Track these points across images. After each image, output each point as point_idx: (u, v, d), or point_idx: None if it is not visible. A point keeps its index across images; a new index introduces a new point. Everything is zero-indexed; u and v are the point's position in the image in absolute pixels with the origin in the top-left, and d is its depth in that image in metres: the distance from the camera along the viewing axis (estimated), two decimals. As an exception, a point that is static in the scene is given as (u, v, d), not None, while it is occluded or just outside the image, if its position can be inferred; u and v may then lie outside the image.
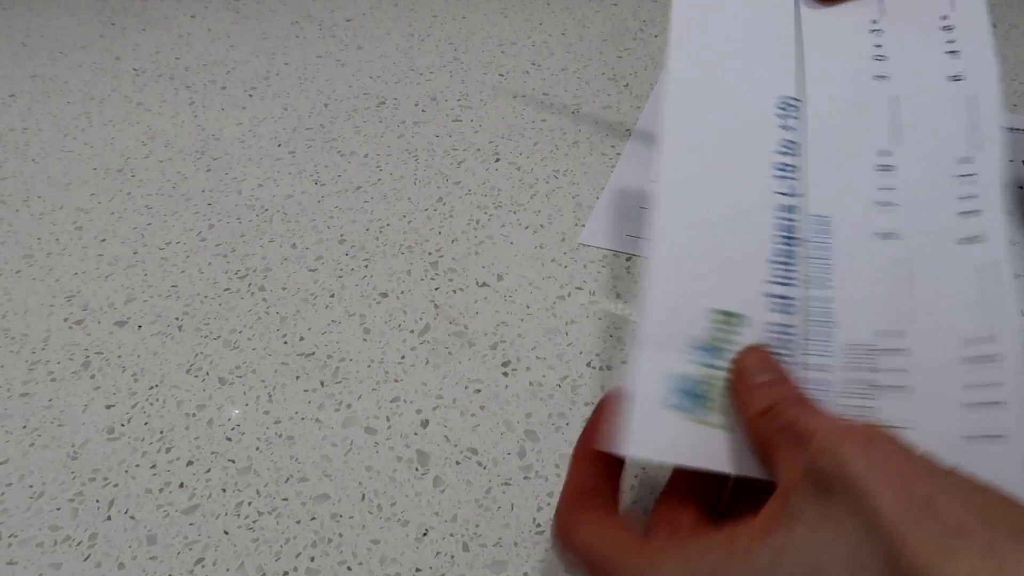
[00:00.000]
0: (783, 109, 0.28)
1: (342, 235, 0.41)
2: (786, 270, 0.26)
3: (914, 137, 0.27)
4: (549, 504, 0.29)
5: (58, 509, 0.29)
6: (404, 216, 0.42)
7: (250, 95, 0.53)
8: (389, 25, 0.61)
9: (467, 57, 0.57)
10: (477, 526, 0.28)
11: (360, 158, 0.47)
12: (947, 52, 0.28)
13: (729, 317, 0.25)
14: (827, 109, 0.29)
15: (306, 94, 0.53)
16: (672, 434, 0.24)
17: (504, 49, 0.58)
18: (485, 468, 0.30)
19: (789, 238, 0.26)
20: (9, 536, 0.28)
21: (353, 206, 0.43)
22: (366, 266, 0.39)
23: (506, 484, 0.30)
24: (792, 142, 0.28)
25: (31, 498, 0.29)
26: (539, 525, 0.28)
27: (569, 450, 0.31)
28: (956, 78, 0.28)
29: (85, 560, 0.27)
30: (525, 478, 0.30)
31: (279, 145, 0.48)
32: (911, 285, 0.25)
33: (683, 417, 0.24)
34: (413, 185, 0.45)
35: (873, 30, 0.30)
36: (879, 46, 0.29)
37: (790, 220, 0.27)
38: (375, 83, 0.54)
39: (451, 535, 0.28)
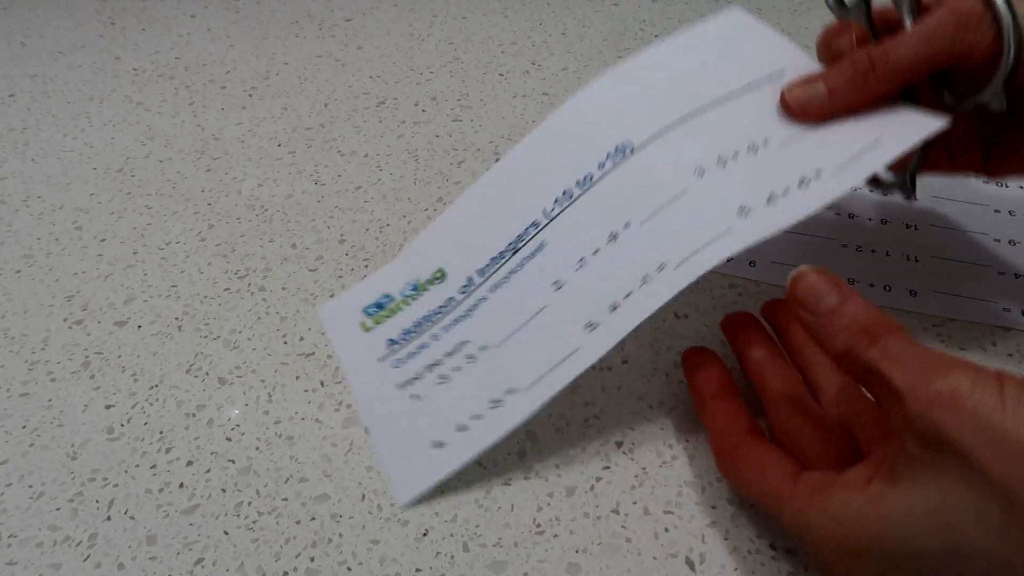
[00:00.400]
0: (617, 151, 0.32)
1: (342, 235, 0.41)
2: (491, 265, 0.33)
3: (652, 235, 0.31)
4: (549, 504, 0.29)
5: (58, 509, 0.29)
6: (404, 216, 0.42)
7: (250, 95, 0.53)
8: (389, 25, 0.61)
9: (467, 57, 0.57)
10: (477, 526, 0.28)
11: (360, 158, 0.47)
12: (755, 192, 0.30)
13: (440, 273, 0.34)
14: (634, 170, 0.32)
15: (306, 94, 0.53)
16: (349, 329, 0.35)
17: (504, 49, 0.58)
18: (485, 468, 0.30)
19: (515, 248, 0.33)
20: (9, 536, 0.28)
21: (353, 206, 0.43)
22: (366, 266, 0.39)
23: (506, 484, 0.30)
24: (588, 177, 0.32)
25: (31, 498, 0.29)
26: (539, 525, 0.28)
27: (569, 450, 0.31)
28: (740, 208, 0.29)
29: (85, 560, 0.27)
30: (525, 478, 0.30)
31: (279, 145, 0.48)
32: (527, 328, 0.31)
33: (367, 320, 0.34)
34: (413, 185, 0.44)
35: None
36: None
37: (526, 237, 0.33)
38: (375, 83, 0.54)
39: (451, 535, 0.28)
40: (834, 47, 0.32)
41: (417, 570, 0.27)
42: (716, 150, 0.31)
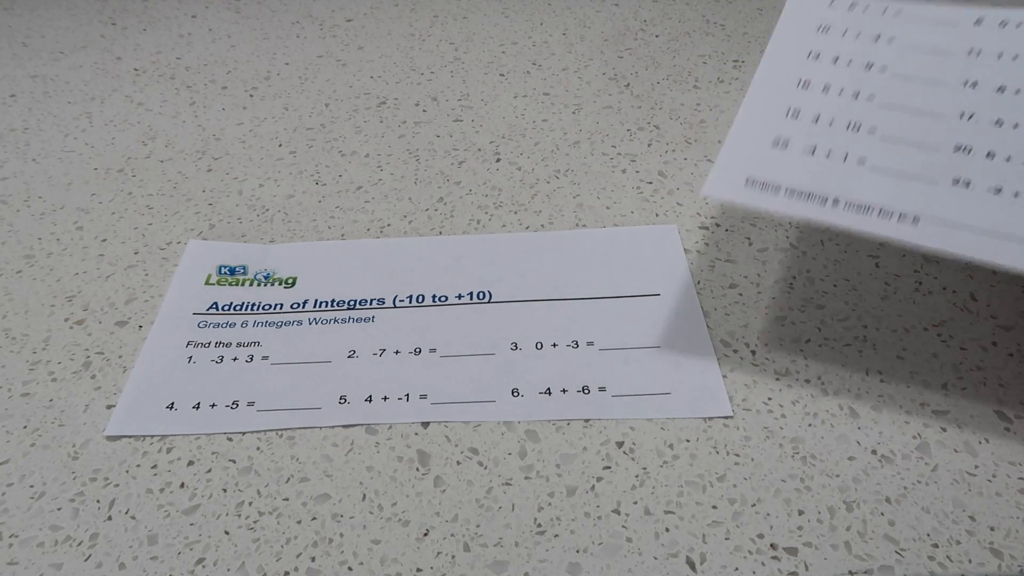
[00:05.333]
0: None
1: (343, 235, 0.41)
2: (331, 304, 0.37)
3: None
4: (550, 504, 0.29)
5: (59, 509, 0.29)
6: (405, 216, 0.42)
7: (251, 95, 0.53)
8: (390, 25, 0.61)
9: (468, 57, 0.57)
10: (478, 526, 0.28)
11: (361, 158, 0.47)
12: None
13: (292, 280, 0.38)
14: None
15: (307, 94, 0.53)
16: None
17: (505, 49, 0.58)
18: (486, 468, 0.30)
19: (352, 307, 0.37)
20: (10, 536, 0.28)
21: (354, 206, 0.43)
22: (367, 266, 0.39)
23: (507, 484, 0.30)
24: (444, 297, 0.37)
25: (32, 498, 0.29)
26: (540, 525, 0.28)
27: (570, 450, 0.31)
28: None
29: (86, 560, 0.27)
30: (526, 478, 0.30)
31: (280, 145, 0.48)
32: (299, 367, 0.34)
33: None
34: (414, 185, 0.44)
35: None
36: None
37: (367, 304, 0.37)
38: (376, 83, 0.54)
39: (452, 535, 0.28)
40: None
41: (418, 570, 0.27)
42: None
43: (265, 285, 0.37)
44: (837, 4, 0.38)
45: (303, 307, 0.36)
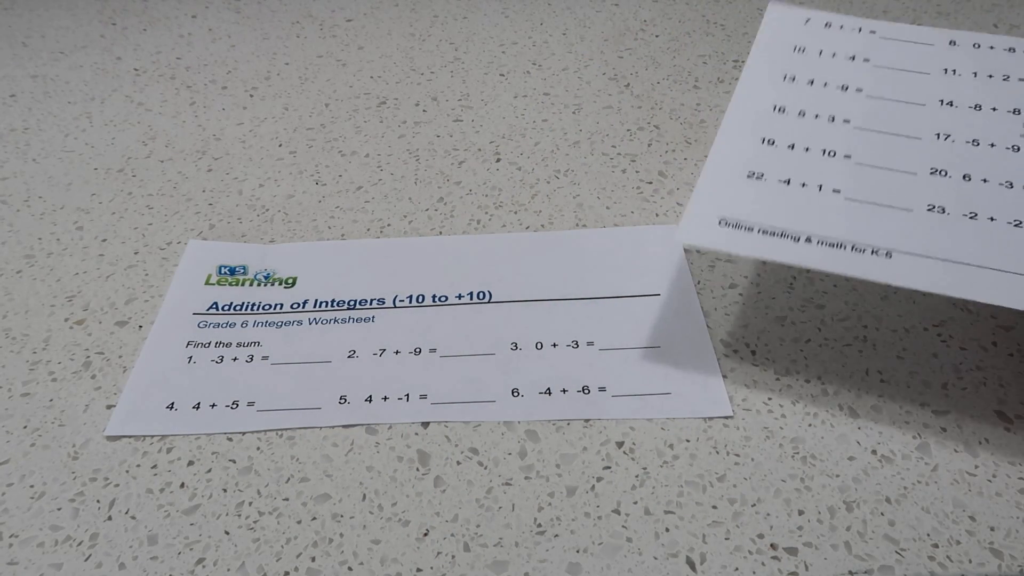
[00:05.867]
0: None
1: (343, 235, 0.41)
2: (331, 304, 0.37)
3: None
4: (550, 504, 0.29)
5: (59, 509, 0.29)
6: (405, 216, 0.42)
7: (251, 95, 0.53)
8: (390, 25, 0.61)
9: (468, 57, 0.57)
10: (478, 526, 0.28)
11: (361, 158, 0.47)
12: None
13: (292, 280, 0.38)
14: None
15: (307, 94, 0.53)
16: None
17: (505, 49, 0.58)
18: (486, 468, 0.30)
19: (352, 307, 0.37)
20: (10, 536, 0.28)
21: (354, 206, 0.43)
22: (367, 266, 0.39)
23: (507, 484, 0.30)
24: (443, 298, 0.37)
25: (32, 498, 0.29)
26: (540, 525, 0.28)
27: (570, 450, 0.31)
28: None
29: (86, 560, 0.27)
30: (526, 478, 0.30)
31: (280, 145, 0.48)
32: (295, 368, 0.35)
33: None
34: (414, 185, 0.44)
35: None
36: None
37: (367, 304, 0.37)
38: (376, 83, 0.54)
39: (452, 535, 0.28)
40: None
41: (418, 570, 0.27)
42: None
43: (265, 285, 0.37)
44: (813, 23, 0.38)
45: (303, 307, 0.36)
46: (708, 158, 0.34)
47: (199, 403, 0.32)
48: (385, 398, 0.32)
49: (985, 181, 0.31)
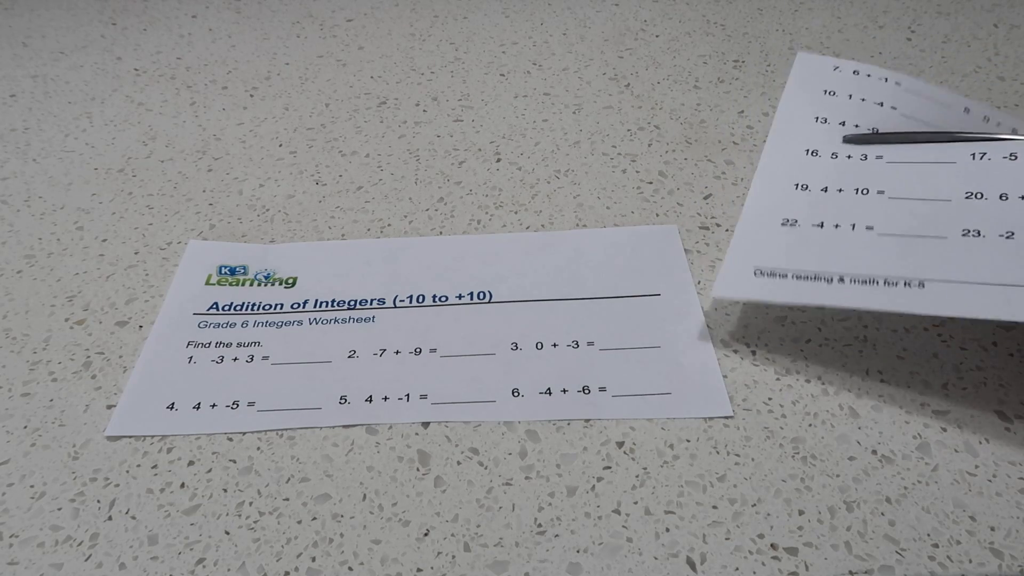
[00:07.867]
0: None
1: (343, 235, 0.41)
2: (330, 304, 0.37)
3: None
4: (550, 504, 0.29)
5: (59, 509, 0.29)
6: (405, 216, 0.42)
7: (251, 95, 0.53)
8: (390, 25, 0.61)
9: (468, 57, 0.57)
10: (478, 526, 0.28)
11: (361, 158, 0.47)
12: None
13: (292, 280, 0.38)
14: None
15: (307, 94, 0.53)
16: None
17: (505, 49, 0.58)
18: (486, 468, 0.30)
19: (352, 307, 0.37)
20: (10, 536, 0.28)
21: (354, 206, 0.43)
22: (367, 266, 0.39)
23: (507, 484, 0.30)
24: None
25: (32, 498, 0.29)
26: (540, 525, 0.28)
27: (570, 450, 0.31)
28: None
29: (86, 560, 0.27)
30: (527, 478, 0.30)
31: (280, 145, 0.48)
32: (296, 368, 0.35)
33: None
34: (414, 185, 0.44)
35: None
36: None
37: (367, 304, 0.37)
38: (376, 83, 0.54)
39: (452, 535, 0.28)
40: None
41: (418, 570, 0.27)
42: None
43: (265, 285, 0.37)
44: (841, 70, 0.38)
45: (303, 307, 0.36)
46: (744, 209, 0.34)
47: (199, 403, 0.32)
48: (385, 398, 0.32)
49: (1023, 198, 0.30)
